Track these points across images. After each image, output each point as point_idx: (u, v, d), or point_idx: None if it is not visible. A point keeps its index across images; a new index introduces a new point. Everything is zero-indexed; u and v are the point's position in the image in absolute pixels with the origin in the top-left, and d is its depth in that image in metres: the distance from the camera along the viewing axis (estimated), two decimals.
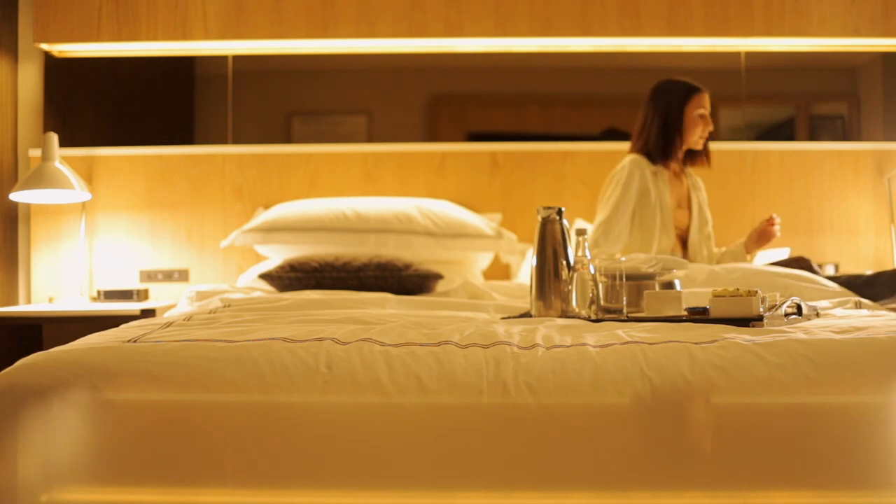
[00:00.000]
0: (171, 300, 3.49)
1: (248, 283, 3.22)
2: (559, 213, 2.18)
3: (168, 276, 3.66)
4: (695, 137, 3.06)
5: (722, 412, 1.60)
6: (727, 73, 3.82)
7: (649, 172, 3.03)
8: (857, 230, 3.70)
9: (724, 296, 1.99)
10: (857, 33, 3.69)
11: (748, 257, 3.17)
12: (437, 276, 2.95)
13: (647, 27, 3.70)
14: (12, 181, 3.65)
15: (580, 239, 2.11)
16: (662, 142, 3.04)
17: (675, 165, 3.12)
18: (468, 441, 1.58)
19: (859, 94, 3.91)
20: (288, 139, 3.86)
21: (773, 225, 3.09)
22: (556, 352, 1.68)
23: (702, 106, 3.03)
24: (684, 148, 3.08)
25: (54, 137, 3.42)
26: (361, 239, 3.24)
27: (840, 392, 1.62)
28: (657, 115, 3.05)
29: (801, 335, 1.76)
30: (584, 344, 1.71)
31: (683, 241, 3.13)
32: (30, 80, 3.74)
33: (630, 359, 1.65)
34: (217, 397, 1.61)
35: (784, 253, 3.48)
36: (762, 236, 3.10)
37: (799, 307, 2.09)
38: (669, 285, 2.24)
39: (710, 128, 3.07)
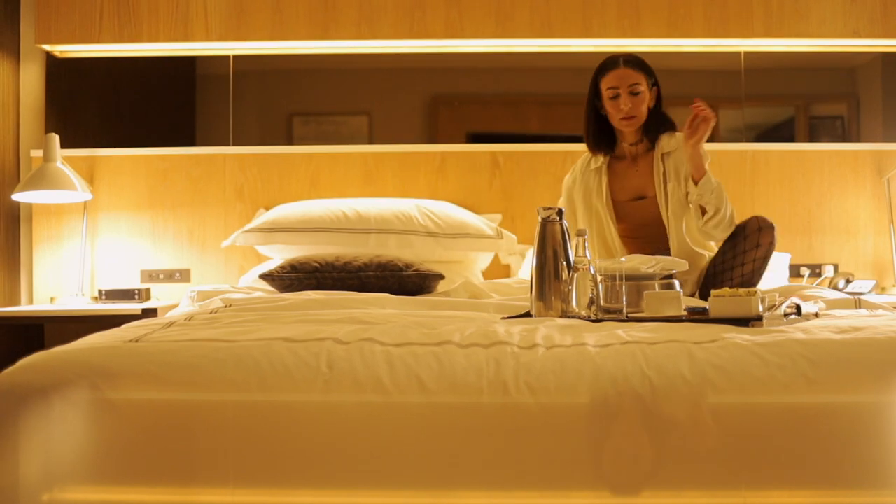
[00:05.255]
0: (173, 300, 3.49)
1: (250, 283, 3.23)
2: (559, 213, 2.19)
3: (169, 276, 3.67)
4: (614, 120, 2.77)
5: (721, 412, 1.61)
6: (727, 73, 3.82)
7: (591, 169, 2.88)
8: (857, 230, 3.70)
9: (723, 296, 2.00)
10: (856, 34, 3.69)
11: (699, 161, 2.67)
12: (439, 276, 2.95)
13: (646, 28, 3.70)
14: (14, 182, 3.65)
15: (580, 239, 2.12)
16: (587, 129, 2.84)
17: (632, 150, 2.86)
18: (468, 441, 1.59)
19: (858, 95, 3.92)
20: (289, 140, 3.86)
21: (699, 111, 2.60)
22: (556, 352, 1.69)
23: (611, 84, 2.74)
24: (620, 133, 2.80)
25: (56, 138, 3.42)
26: (362, 239, 3.24)
27: (839, 392, 1.63)
28: (586, 100, 2.84)
29: (801, 335, 1.76)
30: (584, 344, 1.72)
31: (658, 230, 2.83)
32: (31, 80, 3.75)
33: (630, 359, 1.65)
34: (218, 397, 1.61)
35: (785, 259, 3.46)
36: (694, 132, 2.60)
37: (798, 307, 2.10)
38: (669, 286, 2.24)
39: (625, 108, 2.72)
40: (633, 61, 2.79)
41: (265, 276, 2.92)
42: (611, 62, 2.78)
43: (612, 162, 2.91)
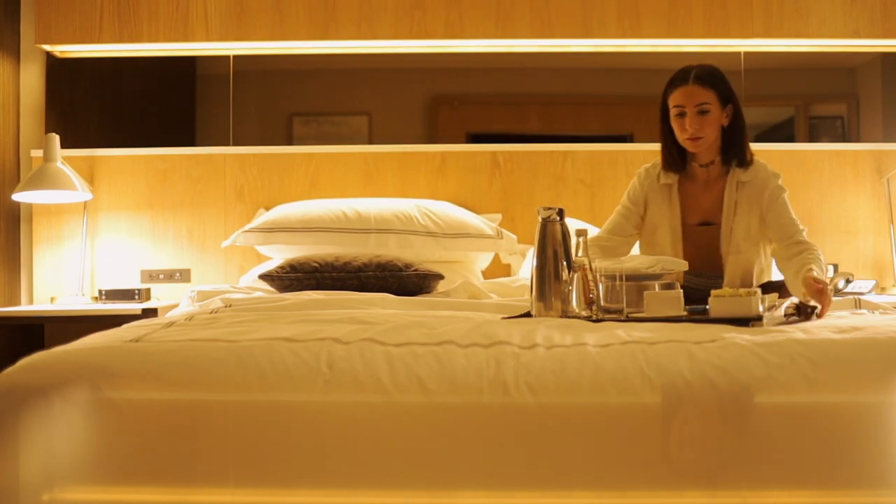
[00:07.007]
0: (173, 300, 3.49)
1: (250, 283, 3.23)
2: (559, 213, 2.19)
3: (169, 276, 3.67)
4: (680, 139, 2.56)
5: (721, 412, 1.61)
6: (726, 73, 3.79)
7: (659, 185, 2.65)
8: (857, 231, 3.70)
9: (723, 296, 2.00)
10: (856, 34, 3.69)
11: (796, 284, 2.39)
12: (438, 277, 2.95)
13: (646, 28, 3.70)
14: (14, 182, 3.65)
15: (580, 239, 2.12)
16: (662, 145, 2.63)
17: (703, 172, 2.63)
18: (468, 441, 1.59)
19: (858, 95, 3.92)
20: (289, 140, 3.86)
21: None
22: (556, 351, 1.69)
23: (677, 102, 2.55)
24: (690, 153, 2.59)
25: (56, 138, 3.42)
26: (362, 239, 3.24)
27: (839, 392, 1.63)
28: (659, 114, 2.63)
29: (801, 335, 1.76)
30: (584, 344, 1.72)
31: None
32: (32, 80, 3.75)
33: (630, 358, 1.65)
34: (218, 397, 1.61)
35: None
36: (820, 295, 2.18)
37: (798, 307, 2.10)
38: (669, 286, 2.24)
39: (690, 129, 2.52)
40: (704, 77, 2.56)
41: (265, 277, 2.93)
42: (679, 77, 2.56)
43: (683, 181, 2.65)
